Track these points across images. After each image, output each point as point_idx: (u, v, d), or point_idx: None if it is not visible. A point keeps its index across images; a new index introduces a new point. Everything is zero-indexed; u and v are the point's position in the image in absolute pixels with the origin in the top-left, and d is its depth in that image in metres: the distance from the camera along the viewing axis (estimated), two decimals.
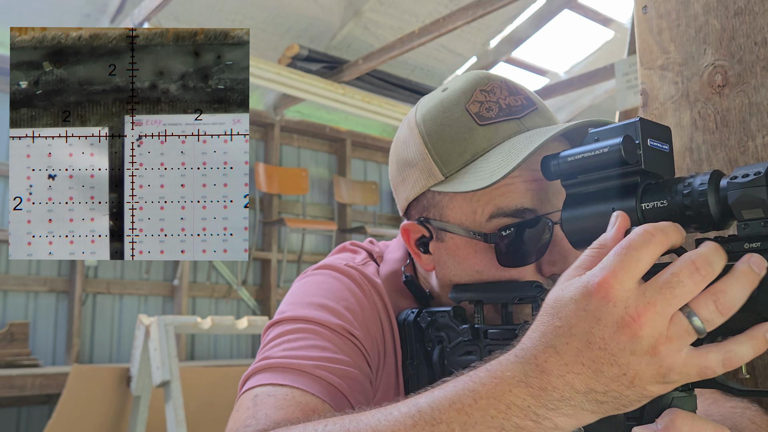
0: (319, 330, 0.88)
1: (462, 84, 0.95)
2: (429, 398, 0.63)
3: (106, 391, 3.48)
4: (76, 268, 5.04)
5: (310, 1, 5.56)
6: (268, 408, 0.77)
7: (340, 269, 0.98)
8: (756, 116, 0.94)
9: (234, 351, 5.91)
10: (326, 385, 0.81)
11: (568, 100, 7.47)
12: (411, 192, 0.96)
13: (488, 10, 4.41)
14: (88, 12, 5.01)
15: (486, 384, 0.60)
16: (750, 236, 0.62)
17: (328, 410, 0.79)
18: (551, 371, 0.57)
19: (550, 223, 0.88)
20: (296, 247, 6.32)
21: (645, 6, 1.08)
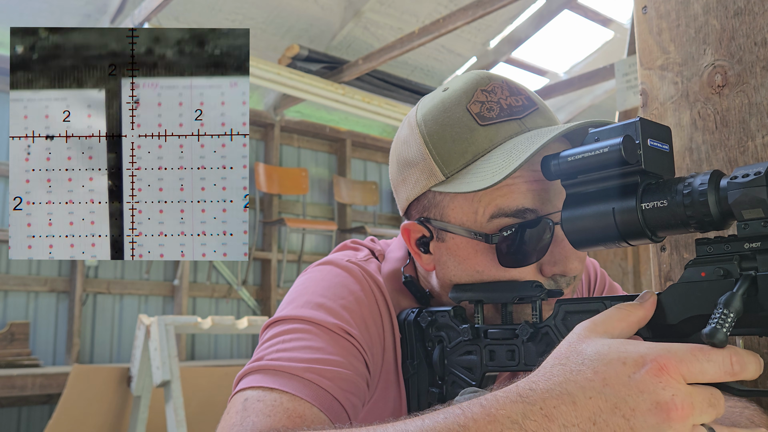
0: (314, 330, 0.88)
1: (463, 84, 0.95)
2: (418, 426, 0.61)
3: (107, 391, 3.48)
4: (77, 268, 5.04)
5: (310, 1, 5.56)
6: (256, 415, 0.78)
7: (341, 265, 0.98)
8: (756, 116, 0.94)
9: (234, 351, 5.91)
10: (316, 388, 0.81)
11: (568, 100, 7.46)
12: (411, 192, 0.96)
13: (488, 10, 4.41)
14: (88, 12, 5.01)
15: (477, 421, 0.58)
16: (750, 236, 0.63)
17: (316, 415, 0.79)
18: (556, 419, 0.56)
19: (551, 223, 0.88)
20: (296, 247, 6.32)
21: (645, 6, 1.08)
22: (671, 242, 1.04)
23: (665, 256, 1.04)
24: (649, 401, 0.55)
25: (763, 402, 0.91)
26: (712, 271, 0.65)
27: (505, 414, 0.57)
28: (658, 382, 0.55)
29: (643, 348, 0.57)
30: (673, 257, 1.03)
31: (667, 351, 0.57)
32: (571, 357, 0.59)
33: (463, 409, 0.60)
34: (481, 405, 0.59)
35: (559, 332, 0.80)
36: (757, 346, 0.94)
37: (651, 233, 0.70)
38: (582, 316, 0.74)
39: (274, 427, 0.76)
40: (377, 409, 0.97)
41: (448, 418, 0.60)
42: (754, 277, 0.62)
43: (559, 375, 0.58)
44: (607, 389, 0.56)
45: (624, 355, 0.57)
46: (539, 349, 0.82)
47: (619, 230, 0.71)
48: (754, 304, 0.61)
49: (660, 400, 0.55)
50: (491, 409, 0.58)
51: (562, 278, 0.91)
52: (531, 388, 0.58)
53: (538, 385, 0.58)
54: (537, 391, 0.58)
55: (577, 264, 0.91)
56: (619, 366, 0.57)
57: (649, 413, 0.55)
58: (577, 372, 0.57)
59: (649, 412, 0.55)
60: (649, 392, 0.55)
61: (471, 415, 0.59)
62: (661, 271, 1.05)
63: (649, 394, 0.55)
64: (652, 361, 0.56)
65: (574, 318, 0.78)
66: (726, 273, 0.64)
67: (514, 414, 0.57)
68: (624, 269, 3.34)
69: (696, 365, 0.56)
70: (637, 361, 0.56)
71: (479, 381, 0.88)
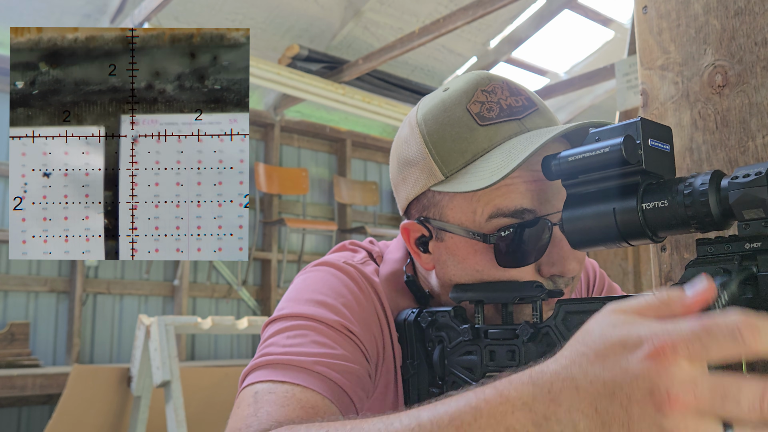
0: (317, 326, 0.89)
1: (463, 84, 0.95)
2: (431, 412, 0.60)
3: (107, 392, 3.48)
4: (77, 268, 5.04)
5: (310, 1, 5.56)
6: (270, 406, 0.77)
7: (338, 266, 0.99)
8: (756, 116, 0.94)
9: (234, 351, 5.91)
10: (326, 380, 0.82)
11: (568, 100, 7.46)
12: (411, 191, 0.96)
13: (488, 10, 4.41)
14: (88, 12, 5.01)
15: (490, 402, 0.56)
16: (751, 236, 0.63)
17: (328, 406, 0.79)
18: (562, 403, 0.52)
19: (550, 224, 0.88)
20: (296, 247, 6.32)
21: (645, 6, 1.08)
22: (672, 242, 1.03)
23: (666, 257, 1.04)
24: (644, 389, 0.49)
25: None
26: (713, 271, 0.65)
27: (517, 395, 0.55)
28: (652, 366, 0.48)
29: (643, 328, 0.51)
30: (673, 257, 1.03)
31: (664, 331, 0.50)
32: (580, 337, 0.55)
33: (476, 392, 0.58)
34: (494, 387, 0.57)
35: (559, 332, 0.80)
36: None
37: (652, 233, 0.70)
38: (583, 317, 0.74)
39: (288, 417, 0.76)
40: (375, 409, 0.97)
41: (461, 400, 0.58)
42: (754, 274, 0.62)
43: (567, 357, 0.54)
44: (605, 373, 0.51)
45: (625, 337, 0.51)
46: (540, 349, 0.82)
47: (620, 230, 0.71)
48: (754, 304, 0.61)
49: (654, 387, 0.48)
50: (504, 390, 0.56)
51: (561, 279, 0.91)
52: (542, 370, 0.55)
53: (549, 366, 0.55)
54: (546, 374, 0.54)
55: (575, 265, 0.91)
56: (619, 348, 0.51)
57: (645, 402, 0.48)
58: (581, 354, 0.53)
59: (644, 400, 0.49)
60: (643, 378, 0.49)
61: (483, 397, 0.57)
62: (661, 272, 1.05)
63: (643, 381, 0.49)
64: (648, 343, 0.49)
65: (574, 318, 0.78)
66: (726, 273, 0.64)
67: (525, 395, 0.54)
68: (624, 269, 3.34)
69: (696, 344, 0.48)
70: (635, 342, 0.50)
71: (479, 381, 0.88)
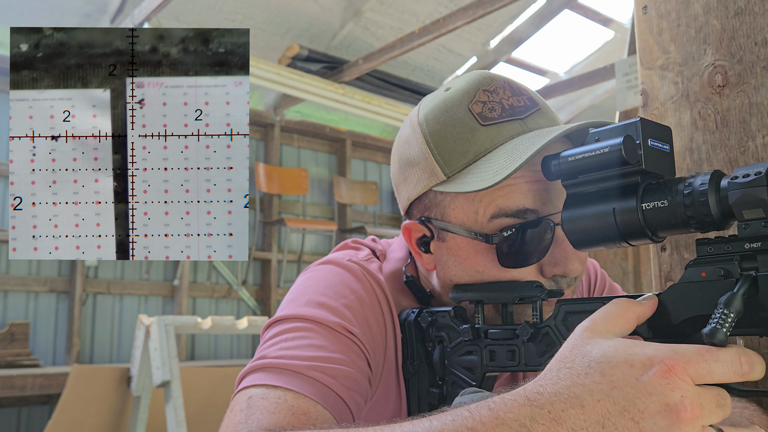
0: (316, 328, 0.88)
1: (465, 84, 0.95)
2: (425, 427, 0.61)
3: (107, 392, 3.48)
4: (77, 268, 5.04)
5: (310, 1, 5.56)
6: (260, 413, 0.78)
7: (342, 264, 0.98)
8: (756, 116, 0.94)
9: (234, 351, 5.91)
10: (319, 386, 0.81)
11: (568, 100, 7.47)
12: (413, 191, 0.96)
13: (488, 10, 4.41)
14: (88, 12, 5.01)
15: (485, 423, 0.58)
16: (750, 236, 0.63)
17: (321, 413, 0.79)
18: (565, 422, 0.56)
19: (552, 224, 0.88)
20: (296, 247, 6.32)
21: (645, 6, 1.08)
22: (672, 242, 1.04)
23: (666, 257, 1.04)
24: (658, 403, 0.55)
25: (763, 402, 0.91)
26: (713, 271, 0.65)
27: (513, 417, 0.57)
28: (666, 383, 0.55)
29: (650, 350, 0.57)
30: (673, 257, 1.03)
31: (674, 352, 0.57)
32: (577, 360, 0.59)
33: (471, 411, 0.60)
34: (489, 407, 0.59)
35: (559, 332, 0.80)
36: (758, 346, 0.94)
37: (651, 233, 0.70)
38: (582, 317, 0.74)
39: (278, 424, 0.76)
40: (378, 408, 0.97)
41: (456, 420, 0.60)
42: (754, 278, 0.62)
43: (566, 378, 0.58)
44: (615, 392, 0.56)
45: (631, 357, 0.57)
46: (540, 349, 0.82)
47: (620, 230, 0.71)
48: (754, 304, 0.62)
49: (669, 401, 0.55)
50: (499, 411, 0.58)
51: (563, 279, 0.91)
52: (539, 391, 0.58)
53: (545, 388, 0.58)
54: (545, 395, 0.58)
55: (577, 265, 0.91)
56: (627, 368, 0.57)
57: (659, 415, 0.55)
58: (585, 375, 0.57)
59: (659, 414, 0.55)
60: (657, 394, 0.55)
61: (479, 418, 0.59)
62: (661, 272, 1.05)
63: (658, 396, 0.55)
64: (660, 363, 0.56)
65: (574, 318, 0.78)
66: (726, 273, 0.64)
67: (522, 417, 0.57)
68: (624, 269, 3.34)
69: (704, 366, 0.56)
70: (644, 363, 0.56)
71: (479, 381, 0.89)
